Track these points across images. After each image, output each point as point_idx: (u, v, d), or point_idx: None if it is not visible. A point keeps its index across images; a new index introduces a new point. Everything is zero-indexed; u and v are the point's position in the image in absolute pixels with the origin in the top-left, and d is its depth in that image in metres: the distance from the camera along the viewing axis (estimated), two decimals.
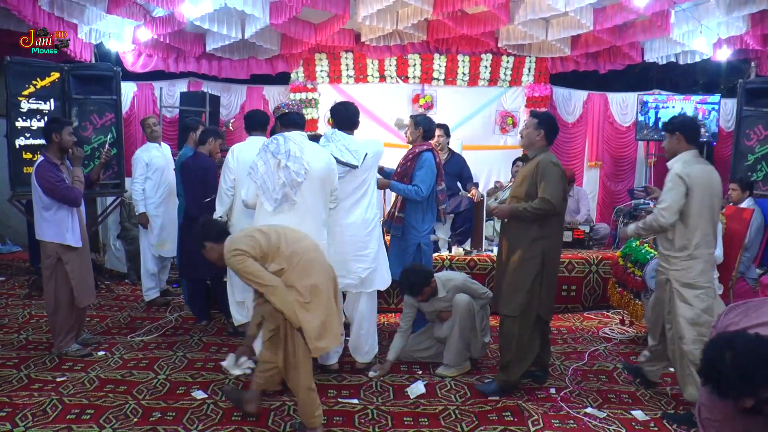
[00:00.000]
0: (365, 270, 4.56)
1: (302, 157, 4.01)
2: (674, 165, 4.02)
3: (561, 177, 4.11)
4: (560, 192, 4.07)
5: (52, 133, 4.82)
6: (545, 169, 4.10)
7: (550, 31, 8.08)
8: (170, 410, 3.95)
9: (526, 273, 4.15)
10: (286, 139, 4.07)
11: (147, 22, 7.37)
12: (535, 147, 4.30)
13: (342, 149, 4.39)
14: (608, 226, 7.83)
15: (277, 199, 4.00)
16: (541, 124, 4.26)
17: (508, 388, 4.29)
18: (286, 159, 3.99)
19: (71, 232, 4.83)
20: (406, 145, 5.37)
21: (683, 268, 3.93)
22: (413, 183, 4.96)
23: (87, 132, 6.77)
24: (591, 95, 9.53)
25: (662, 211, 3.90)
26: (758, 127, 7.32)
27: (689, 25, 7.51)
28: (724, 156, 8.78)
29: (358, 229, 4.53)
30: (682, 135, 4.04)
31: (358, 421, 3.85)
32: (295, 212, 4.03)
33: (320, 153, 4.16)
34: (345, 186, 4.47)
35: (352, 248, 4.52)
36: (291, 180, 3.97)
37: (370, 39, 8.43)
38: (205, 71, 8.91)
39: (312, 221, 4.07)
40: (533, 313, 4.18)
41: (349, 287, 4.58)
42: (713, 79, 10.38)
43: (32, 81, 6.46)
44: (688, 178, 3.88)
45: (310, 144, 4.17)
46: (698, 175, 3.92)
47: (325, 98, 9.08)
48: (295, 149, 4.02)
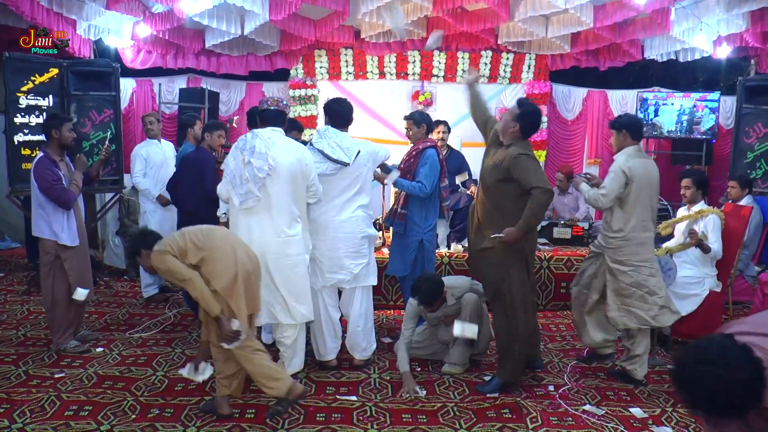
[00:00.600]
0: (358, 266, 4.57)
1: (267, 153, 4.00)
2: (618, 158, 4.46)
3: (536, 162, 4.06)
4: (543, 175, 4.02)
5: (52, 129, 4.81)
6: (516, 162, 3.97)
7: (550, 28, 8.07)
8: (168, 407, 3.95)
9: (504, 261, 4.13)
10: (254, 136, 4.09)
11: (146, 18, 7.36)
12: (507, 136, 4.15)
13: (334, 146, 4.39)
14: None
15: (243, 194, 4.04)
16: (518, 118, 4.09)
17: (509, 384, 4.29)
18: (250, 155, 4.01)
19: (66, 231, 4.81)
20: (406, 142, 5.37)
21: (617, 246, 4.38)
22: (417, 179, 4.95)
23: (86, 128, 6.75)
24: (591, 92, 9.54)
25: (602, 196, 4.36)
26: (758, 125, 7.32)
27: (689, 23, 7.51)
28: (724, 153, 8.78)
29: (352, 227, 4.53)
30: (627, 132, 4.47)
31: (357, 418, 3.85)
32: (260, 208, 4.05)
33: (291, 149, 4.13)
34: (337, 183, 4.47)
35: (346, 245, 4.52)
36: (253, 176, 3.99)
37: (369, 36, 8.43)
38: (204, 68, 8.90)
39: (280, 216, 4.07)
40: (518, 303, 4.16)
41: (342, 283, 4.58)
42: (713, 77, 10.39)
43: (31, 77, 6.44)
44: (629, 170, 4.31)
45: (283, 140, 4.14)
46: (638, 167, 4.34)
47: (324, 95, 9.05)
48: (261, 145, 4.03)
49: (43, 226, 4.79)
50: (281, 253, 4.08)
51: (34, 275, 6.77)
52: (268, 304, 4.12)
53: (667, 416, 3.95)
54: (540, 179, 3.95)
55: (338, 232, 4.50)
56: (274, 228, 4.06)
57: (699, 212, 5.16)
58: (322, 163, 4.38)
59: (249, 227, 4.08)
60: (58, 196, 4.71)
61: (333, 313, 4.64)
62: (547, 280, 6.38)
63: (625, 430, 3.75)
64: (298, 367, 4.37)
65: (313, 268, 4.54)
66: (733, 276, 5.65)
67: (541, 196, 3.92)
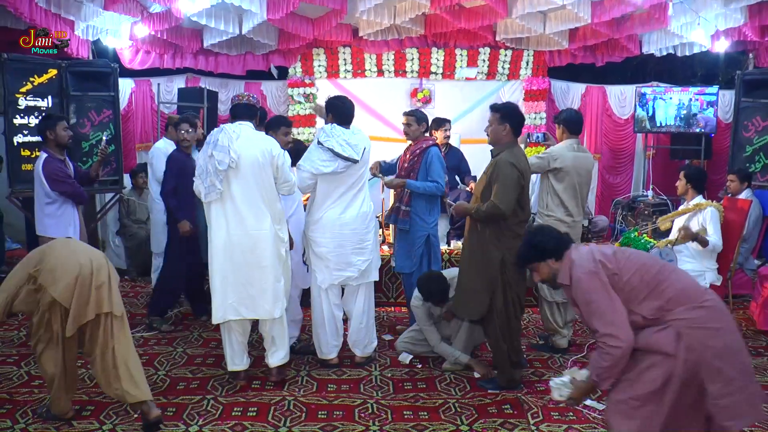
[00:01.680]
0: (365, 262, 4.59)
1: (230, 146, 4.03)
2: (553, 148, 4.95)
3: (516, 181, 4.03)
4: (511, 197, 4.01)
5: (47, 130, 4.83)
6: (501, 171, 4.04)
7: (547, 24, 8.07)
8: (170, 406, 3.97)
9: (484, 276, 4.14)
10: (220, 130, 4.14)
11: (144, 18, 7.36)
12: (501, 143, 4.19)
13: (343, 144, 4.39)
14: (607, 218, 7.84)
15: (206, 188, 4.08)
16: (505, 118, 4.14)
17: (508, 385, 4.30)
18: (213, 148, 4.05)
19: (74, 227, 4.87)
20: (404, 140, 5.38)
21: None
22: (430, 178, 4.96)
23: (85, 129, 6.75)
24: (589, 88, 9.53)
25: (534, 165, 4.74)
26: (756, 119, 7.31)
27: (687, 17, 7.50)
28: (723, 147, 8.78)
29: (358, 223, 4.55)
30: (565, 127, 4.91)
31: (358, 415, 3.87)
32: (224, 201, 4.10)
33: (256, 141, 4.15)
34: (345, 180, 4.48)
35: (352, 242, 4.54)
36: (215, 169, 4.02)
37: (367, 33, 8.43)
38: (202, 67, 8.90)
39: (248, 211, 4.10)
40: (501, 315, 4.15)
41: (349, 280, 4.59)
42: (711, 71, 10.38)
43: (30, 78, 6.44)
44: (560, 159, 4.77)
45: (249, 133, 4.16)
46: (571, 158, 4.80)
47: (323, 93, 9.04)
48: (224, 139, 4.06)
49: (47, 225, 4.82)
50: (246, 248, 4.11)
51: None
52: (235, 298, 4.14)
53: None
54: (505, 200, 3.99)
55: (345, 229, 4.51)
56: (241, 222, 4.09)
57: (697, 205, 5.18)
58: (332, 161, 4.38)
59: (218, 223, 4.13)
60: (72, 190, 4.77)
61: (336, 312, 4.65)
62: None
63: None
64: (282, 360, 4.34)
65: (319, 266, 4.55)
66: (732, 270, 5.66)
67: (493, 210, 4.01)
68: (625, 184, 9.54)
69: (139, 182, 7.43)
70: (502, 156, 4.10)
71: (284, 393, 4.18)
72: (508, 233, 4.08)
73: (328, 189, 4.49)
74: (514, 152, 4.13)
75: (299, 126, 9.06)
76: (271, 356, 4.32)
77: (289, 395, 4.14)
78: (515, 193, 4.02)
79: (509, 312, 4.17)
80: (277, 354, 4.32)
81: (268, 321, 4.23)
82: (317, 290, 4.60)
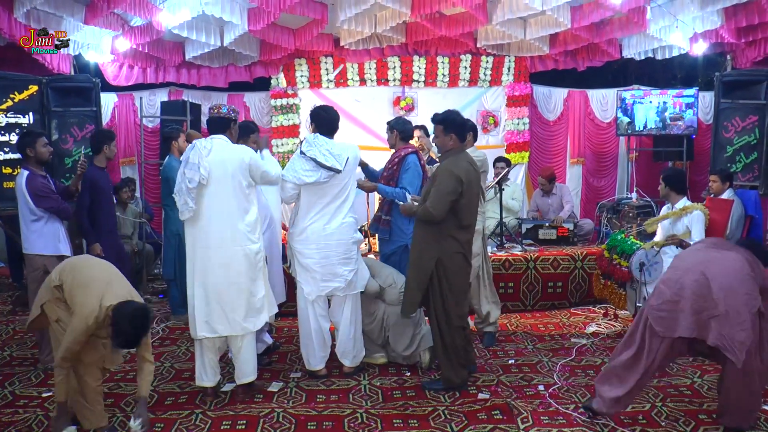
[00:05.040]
0: (351, 272, 4.58)
1: (200, 162, 4.03)
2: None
3: (452, 188, 4.14)
4: (444, 204, 4.14)
5: (26, 147, 4.79)
6: (439, 177, 4.21)
7: (528, 30, 8.14)
8: (158, 421, 3.93)
9: (418, 274, 4.29)
10: (192, 147, 4.14)
11: (125, 31, 7.33)
12: (448, 150, 4.37)
13: (326, 154, 4.39)
14: (592, 222, 7.88)
15: (181, 206, 4.09)
16: (448, 129, 4.33)
17: (452, 387, 4.36)
18: (184, 166, 4.07)
19: (63, 242, 4.84)
20: (388, 149, 5.38)
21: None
22: (400, 185, 4.97)
23: (68, 145, 6.72)
24: (571, 92, 9.60)
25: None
26: (735, 119, 7.40)
27: (665, 21, 7.59)
28: (705, 148, 8.87)
29: (344, 233, 4.54)
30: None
31: (348, 425, 3.85)
32: (198, 219, 4.11)
33: (228, 154, 4.13)
34: (328, 190, 4.47)
35: (338, 253, 4.52)
36: (186, 188, 4.03)
37: (349, 43, 8.45)
38: (184, 81, 8.88)
39: (222, 226, 4.09)
40: (440, 313, 4.29)
41: (337, 291, 4.57)
42: (691, 73, 10.49)
43: (10, 94, 6.40)
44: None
45: (221, 146, 4.15)
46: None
47: (305, 103, 9.06)
48: (194, 156, 4.06)
49: (34, 242, 4.77)
50: (221, 264, 4.09)
51: (19, 294, 6.72)
52: (211, 316, 4.12)
53: (657, 411, 3.98)
54: (437, 207, 4.14)
55: (330, 240, 4.49)
56: (215, 239, 4.08)
57: (683, 209, 5.22)
58: (314, 171, 4.38)
59: (193, 240, 4.15)
60: (57, 206, 4.74)
61: (323, 323, 4.63)
62: (534, 281, 6.41)
63: (616, 426, 3.77)
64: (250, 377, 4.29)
65: (305, 277, 4.54)
66: None
67: (425, 214, 4.19)
68: (609, 187, 9.61)
69: (123, 197, 7.38)
70: (444, 163, 4.29)
71: (273, 405, 4.15)
72: (445, 235, 4.24)
73: (311, 199, 4.48)
74: (458, 159, 4.29)
75: (282, 137, 9.07)
76: (239, 374, 4.29)
77: (278, 407, 4.11)
78: (449, 198, 4.14)
79: (448, 310, 4.28)
80: (245, 371, 4.27)
81: (238, 337, 4.19)
82: (304, 302, 4.58)
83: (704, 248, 3.81)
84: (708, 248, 3.78)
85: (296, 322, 4.81)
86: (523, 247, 6.71)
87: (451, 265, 4.26)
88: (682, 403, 4.07)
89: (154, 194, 8.70)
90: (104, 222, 5.26)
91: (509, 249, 6.67)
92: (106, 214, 5.31)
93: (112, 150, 5.36)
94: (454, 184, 4.13)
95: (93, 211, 5.22)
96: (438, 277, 4.25)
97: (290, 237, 4.59)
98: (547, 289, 6.46)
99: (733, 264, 3.54)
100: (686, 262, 3.72)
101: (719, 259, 3.60)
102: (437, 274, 4.25)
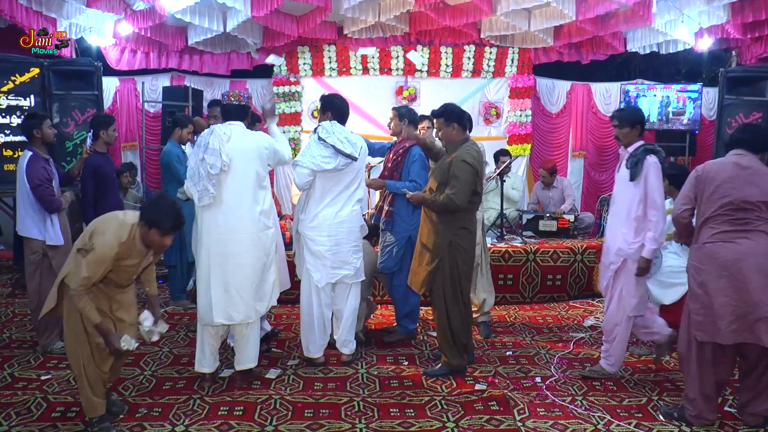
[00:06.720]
0: (358, 260, 4.63)
1: (221, 148, 4.01)
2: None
3: (472, 176, 4.24)
4: (467, 193, 4.24)
5: (33, 129, 4.77)
6: (458, 167, 4.23)
7: (532, 21, 8.10)
8: (156, 406, 3.94)
9: (433, 257, 4.34)
10: (211, 132, 4.11)
11: (127, 15, 7.31)
12: (454, 141, 4.40)
13: (344, 141, 4.40)
14: (593, 215, 7.87)
15: (199, 191, 4.05)
16: (449, 119, 4.37)
17: (452, 370, 4.44)
18: (204, 152, 4.03)
19: (51, 231, 4.79)
20: (390, 138, 5.35)
21: None
22: (410, 178, 4.96)
23: (69, 128, 6.69)
24: (574, 85, 9.56)
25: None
26: (739, 116, 7.38)
27: (671, 15, 7.57)
28: (707, 144, 8.85)
29: (354, 222, 4.58)
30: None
31: (345, 413, 3.86)
32: (218, 204, 4.07)
33: (249, 140, 4.15)
34: (342, 179, 4.48)
35: (348, 240, 4.55)
36: (207, 173, 4.00)
37: (352, 31, 8.41)
38: (186, 67, 8.85)
39: (239, 212, 4.08)
40: (449, 294, 4.36)
41: (346, 278, 4.60)
42: (695, 68, 10.46)
43: (11, 77, 6.38)
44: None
45: (241, 133, 4.15)
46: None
47: (308, 91, 9.05)
48: (215, 142, 4.03)
49: (30, 225, 4.76)
50: (236, 251, 4.08)
51: (19, 277, 6.71)
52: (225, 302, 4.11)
53: (653, 405, 3.99)
54: (461, 196, 4.20)
55: (341, 227, 4.51)
56: (232, 225, 4.07)
57: None
58: (333, 158, 4.38)
59: (209, 226, 4.11)
60: (46, 198, 4.68)
61: (326, 312, 4.62)
62: (533, 273, 6.41)
63: (612, 419, 3.79)
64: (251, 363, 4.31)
65: (316, 264, 4.53)
66: None
67: (449, 203, 4.22)
68: (610, 181, 9.56)
69: (124, 182, 7.36)
70: (459, 154, 4.28)
71: (270, 392, 4.16)
72: (457, 223, 4.32)
73: (326, 186, 4.47)
74: (468, 148, 4.34)
75: (285, 124, 9.03)
76: (240, 360, 4.29)
77: (275, 394, 4.12)
78: (470, 189, 4.25)
79: (462, 289, 4.39)
80: (247, 357, 4.28)
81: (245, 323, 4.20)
82: (309, 289, 4.57)
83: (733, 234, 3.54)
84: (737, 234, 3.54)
85: (295, 309, 4.82)
86: (524, 239, 6.71)
87: (462, 243, 4.35)
88: (678, 398, 4.07)
89: (155, 179, 8.69)
90: (109, 208, 5.22)
91: (509, 241, 6.67)
92: (110, 198, 5.30)
93: (110, 135, 5.35)
94: (471, 173, 4.22)
95: (97, 196, 5.21)
96: (450, 257, 4.32)
97: (301, 224, 4.58)
98: (547, 282, 6.46)
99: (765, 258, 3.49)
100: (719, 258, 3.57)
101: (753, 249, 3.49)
102: (449, 256, 4.32)
